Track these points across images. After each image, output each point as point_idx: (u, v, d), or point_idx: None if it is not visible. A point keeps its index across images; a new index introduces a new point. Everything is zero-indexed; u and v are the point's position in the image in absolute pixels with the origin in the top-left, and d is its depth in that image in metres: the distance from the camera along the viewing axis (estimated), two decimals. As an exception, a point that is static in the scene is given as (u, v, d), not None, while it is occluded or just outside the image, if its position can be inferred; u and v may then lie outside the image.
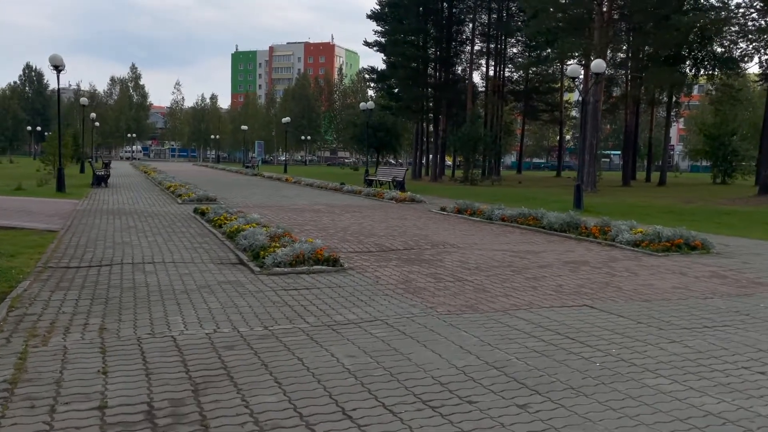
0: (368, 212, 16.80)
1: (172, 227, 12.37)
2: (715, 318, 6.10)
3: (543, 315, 6.04)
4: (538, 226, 13.33)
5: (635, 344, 5.12)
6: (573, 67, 19.12)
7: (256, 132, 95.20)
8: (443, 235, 12.34)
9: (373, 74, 45.59)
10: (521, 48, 48.73)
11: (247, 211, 16.13)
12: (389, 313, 5.95)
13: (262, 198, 21.00)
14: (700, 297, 7.09)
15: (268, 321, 5.56)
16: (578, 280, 7.96)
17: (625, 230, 11.40)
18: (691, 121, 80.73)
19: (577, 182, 18.90)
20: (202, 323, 5.42)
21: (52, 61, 19.88)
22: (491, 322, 5.71)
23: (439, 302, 6.48)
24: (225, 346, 4.79)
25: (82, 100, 35.82)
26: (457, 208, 16.48)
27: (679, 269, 8.85)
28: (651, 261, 9.54)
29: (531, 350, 4.88)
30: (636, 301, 6.81)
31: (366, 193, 22.48)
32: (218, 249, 9.76)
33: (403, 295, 6.80)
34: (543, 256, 9.83)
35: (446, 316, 5.88)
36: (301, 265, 8.19)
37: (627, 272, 8.56)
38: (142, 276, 7.41)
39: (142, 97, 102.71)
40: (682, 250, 10.35)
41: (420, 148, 47.40)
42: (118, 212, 14.89)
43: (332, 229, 12.85)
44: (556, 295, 7.02)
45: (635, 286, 7.66)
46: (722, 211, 19.40)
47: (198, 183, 30.10)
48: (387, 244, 10.88)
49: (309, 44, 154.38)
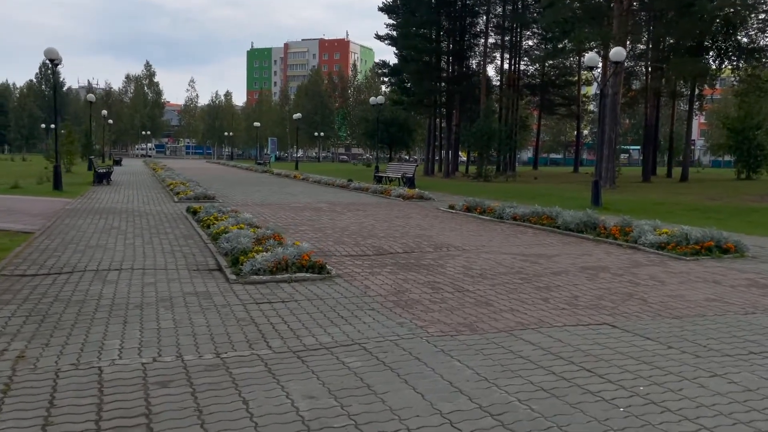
0: (372, 210, 15.88)
1: (158, 228, 11.56)
2: (762, 341, 5.09)
3: (554, 337, 5.08)
4: (553, 226, 12.33)
5: (668, 379, 4.15)
6: (591, 56, 18.00)
7: (270, 129, 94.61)
8: (449, 236, 11.38)
9: (385, 68, 44.55)
10: (537, 40, 47.41)
11: (246, 209, 15.31)
12: (371, 335, 5.03)
13: (265, 195, 20.16)
14: (740, 312, 6.08)
15: (224, 346, 4.67)
16: (596, 290, 6.97)
17: (648, 231, 10.36)
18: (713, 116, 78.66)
19: (594, 178, 17.79)
20: (143, 349, 4.54)
21: (48, 55, 19.19)
22: (491, 347, 4.76)
23: (433, 320, 5.54)
24: (159, 382, 3.90)
25: (89, 96, 35.29)
26: (466, 206, 15.50)
27: (712, 277, 7.82)
28: (679, 266, 8.52)
29: (538, 388, 3.93)
30: (664, 317, 5.82)
31: (373, 190, 21.57)
32: (199, 253, 8.91)
33: (392, 309, 5.88)
34: (557, 261, 8.85)
35: (438, 339, 4.94)
36: (282, 272, 7.30)
37: (652, 280, 7.55)
38: (100, 286, 6.56)
39: (157, 95, 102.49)
40: (713, 254, 9.30)
41: (433, 143, 46.28)
42: (108, 211, 14.13)
43: (330, 229, 11.95)
44: (571, 309, 6.05)
45: (662, 297, 6.66)
46: (751, 208, 18.19)
47: (204, 180, 29.40)
48: (386, 246, 9.96)
49: (324, 41, 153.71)
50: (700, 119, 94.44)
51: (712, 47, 38.08)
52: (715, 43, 37.96)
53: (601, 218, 11.83)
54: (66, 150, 31.90)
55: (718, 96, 61.72)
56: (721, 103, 65.40)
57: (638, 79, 45.51)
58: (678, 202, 20.47)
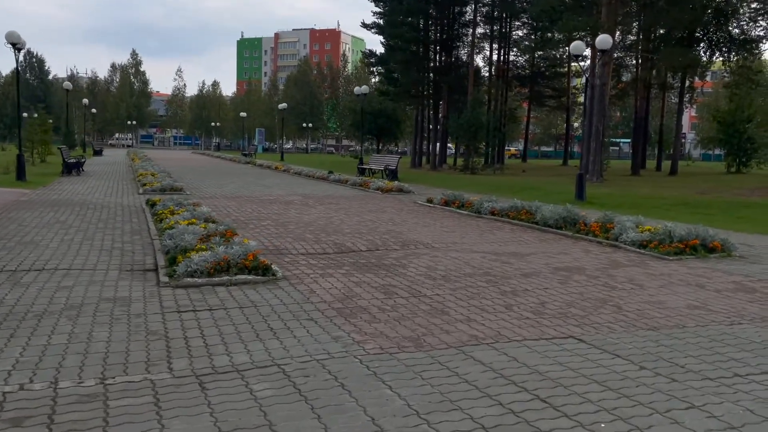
0: (346, 204, 15.16)
1: (109, 221, 10.79)
2: (748, 359, 4.43)
3: (510, 354, 4.40)
4: (532, 222, 11.64)
5: (635, 412, 3.47)
6: (576, 44, 17.28)
7: (259, 119, 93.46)
8: (420, 232, 10.68)
9: (372, 58, 43.60)
10: (527, 30, 46.63)
11: (212, 202, 14.57)
12: (296, 353, 4.32)
13: (237, 187, 19.37)
14: (725, 322, 5.42)
15: (116, 367, 3.95)
16: (568, 295, 6.30)
17: (630, 228, 9.69)
18: (704, 109, 78.18)
19: (579, 171, 17.14)
20: (14, 372, 3.81)
21: (9, 38, 18.26)
22: (434, 369, 4.07)
23: (374, 333, 4.84)
24: (12, 419, 3.18)
25: (65, 84, 34.19)
26: (444, 200, 14.81)
27: (696, 279, 7.16)
28: (661, 267, 7.86)
29: (477, 425, 3.24)
30: (639, 329, 5.15)
31: (352, 182, 20.83)
32: (140, 250, 8.17)
33: (332, 320, 5.18)
34: (530, 261, 8.17)
35: (374, 359, 4.25)
36: (222, 274, 6.58)
37: (630, 284, 6.88)
38: (5, 291, 5.81)
39: (143, 84, 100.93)
40: (699, 253, 8.65)
41: (420, 135, 45.48)
42: (63, 204, 13.33)
43: (294, 224, 11.22)
44: (536, 319, 5.37)
45: (639, 304, 5.99)
46: (741, 203, 17.60)
47: (181, 171, 28.57)
48: (349, 243, 9.25)
49: (315, 31, 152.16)
50: (691, 112, 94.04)
51: (703, 38, 37.49)
52: (707, 34, 37.35)
53: (582, 214, 11.17)
54: (40, 139, 31.00)
55: (710, 89, 61.24)
56: (712, 96, 64.91)
57: (629, 70, 44.86)
58: (666, 196, 19.86)
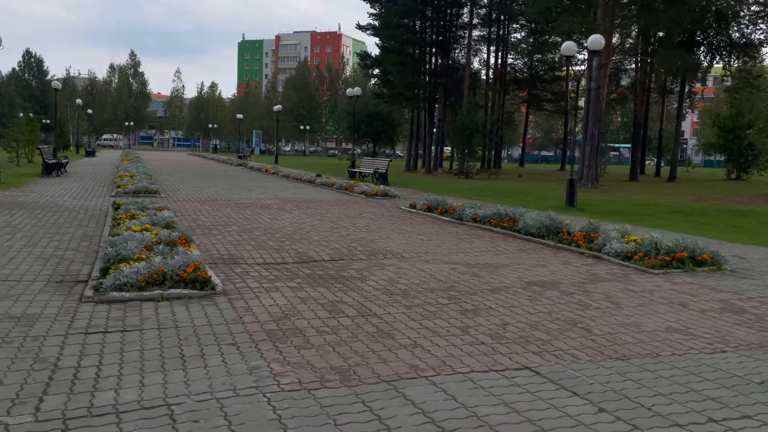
0: (324, 208, 14.54)
1: (63, 226, 10.19)
2: (726, 398, 3.80)
3: (449, 392, 3.77)
4: (513, 230, 11.03)
5: (581, 475, 2.85)
6: (568, 44, 16.66)
7: (257, 121, 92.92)
8: (393, 240, 10.06)
9: (367, 59, 42.99)
10: (525, 33, 46.02)
11: (184, 205, 14.00)
12: (198, 388, 3.70)
13: (216, 191, 18.73)
14: (706, 350, 4.79)
15: (-28, 407, 3.33)
16: (535, 314, 5.68)
17: (614, 238, 9.06)
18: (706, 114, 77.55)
19: (571, 176, 16.51)
20: None
21: (-17, 35, 17.68)
22: (353, 411, 3.45)
23: (299, 363, 4.22)
24: None
25: (54, 83, 33.52)
26: (427, 205, 14.20)
27: (679, 297, 6.54)
28: (643, 282, 7.23)
29: (380, 494, 2.62)
30: (607, 357, 4.53)
31: (338, 186, 20.21)
32: (81, 259, 7.57)
33: (257, 345, 4.56)
34: (502, 274, 7.55)
35: (285, 397, 3.62)
36: (154, 287, 5.97)
37: (607, 302, 6.26)
38: None
39: (142, 85, 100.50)
40: (686, 266, 8.03)
41: (416, 138, 44.83)
42: (25, 206, 12.73)
43: (261, 230, 10.61)
44: (491, 344, 4.75)
45: (613, 326, 5.37)
46: (737, 211, 16.96)
47: (167, 173, 28.04)
48: (312, 252, 8.63)
49: (316, 33, 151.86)
50: (693, 118, 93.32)
51: (703, 42, 36.88)
52: (707, 38, 36.75)
53: (566, 222, 10.55)
54: (26, 139, 30.45)
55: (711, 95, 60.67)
56: (713, 102, 64.29)
57: (628, 74, 44.25)
58: (661, 203, 19.23)
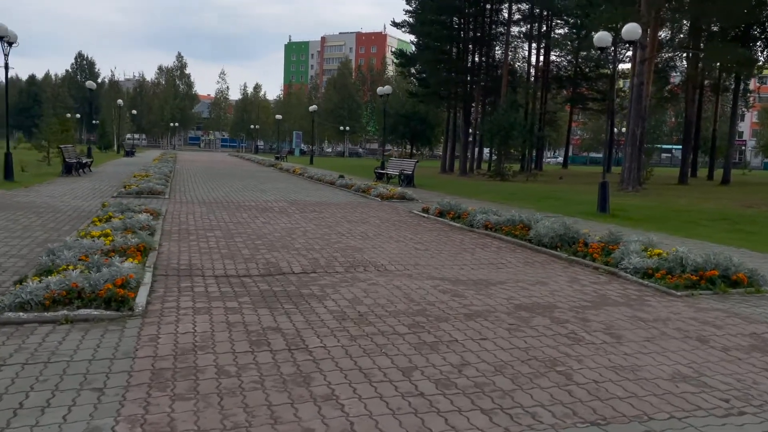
0: (329, 212, 13.61)
1: (35, 229, 9.56)
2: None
3: (333, 477, 2.74)
4: (526, 239, 9.85)
5: None
6: (601, 35, 15.25)
7: (298, 122, 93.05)
8: (385, 249, 9.03)
9: (401, 57, 41.87)
10: (568, 29, 44.11)
11: (182, 207, 13.33)
12: (-6, 461, 2.78)
13: (227, 192, 18.00)
14: (719, 409, 3.61)
15: None
16: (507, 351, 4.57)
17: (634, 251, 7.80)
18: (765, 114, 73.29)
19: (602, 179, 15.11)
20: None
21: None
22: None
23: (156, 425, 3.24)
24: None
25: (89, 83, 33.75)
26: (439, 210, 13.13)
27: (699, 329, 5.30)
28: (659, 308, 6.00)
29: None
30: (578, 420, 3.40)
31: (356, 188, 19.25)
32: (18, 268, 6.83)
33: (127, 391, 3.62)
34: (492, 293, 6.43)
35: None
36: (61, 306, 5.12)
37: (605, 334, 5.09)
38: None
39: (188, 87, 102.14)
40: (717, 287, 6.74)
41: (453, 139, 43.50)
42: (15, 207, 12.23)
43: (243, 236, 9.74)
44: (431, 396, 3.68)
45: (603, 370, 4.23)
46: (792, 219, 15.22)
47: (191, 173, 27.75)
48: (283, 264, 7.69)
49: (360, 34, 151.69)
50: (752, 118, 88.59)
51: (760, 37, 34.40)
52: (764, 32, 34.26)
53: (584, 231, 9.31)
54: (57, 139, 30.69)
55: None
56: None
57: (679, 71, 41.89)
58: (705, 209, 17.56)
